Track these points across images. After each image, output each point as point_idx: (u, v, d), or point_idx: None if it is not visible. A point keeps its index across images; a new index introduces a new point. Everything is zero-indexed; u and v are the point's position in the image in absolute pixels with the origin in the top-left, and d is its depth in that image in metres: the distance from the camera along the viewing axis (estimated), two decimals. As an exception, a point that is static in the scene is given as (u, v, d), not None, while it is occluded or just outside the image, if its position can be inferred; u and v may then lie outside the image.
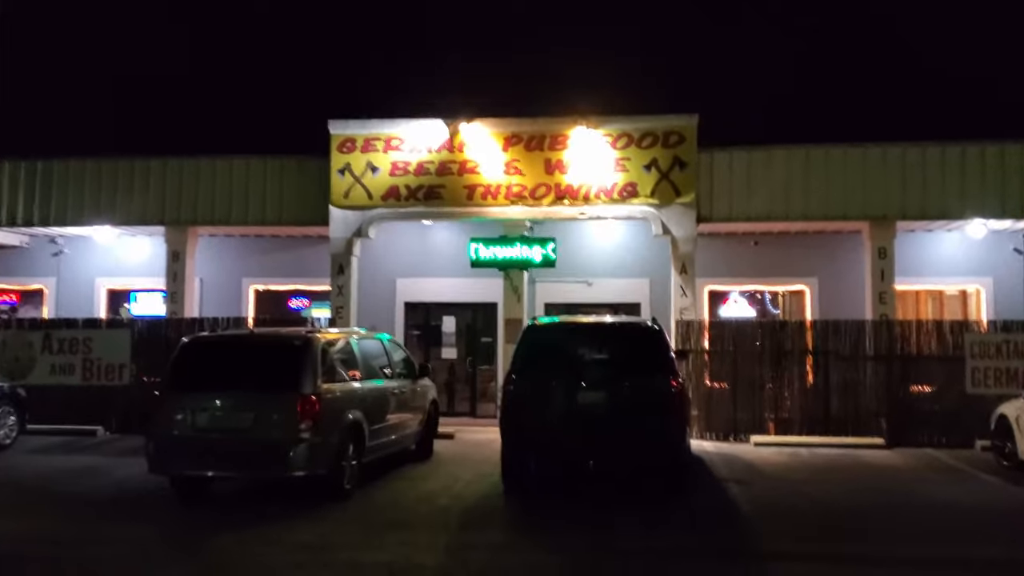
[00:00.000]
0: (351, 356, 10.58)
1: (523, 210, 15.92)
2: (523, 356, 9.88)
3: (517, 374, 9.80)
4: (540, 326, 10.32)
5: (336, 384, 9.94)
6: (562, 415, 9.59)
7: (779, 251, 17.52)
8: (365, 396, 10.54)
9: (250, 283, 18.81)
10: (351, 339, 10.75)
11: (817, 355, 14.70)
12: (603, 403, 9.52)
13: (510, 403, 9.80)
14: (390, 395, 11.30)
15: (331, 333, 10.47)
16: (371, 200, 16.17)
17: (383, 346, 11.74)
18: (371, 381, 10.90)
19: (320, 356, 9.66)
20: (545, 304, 18.03)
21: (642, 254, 17.65)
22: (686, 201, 15.62)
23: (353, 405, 10.11)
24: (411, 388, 12.21)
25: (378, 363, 11.51)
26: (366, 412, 10.33)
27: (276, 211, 16.80)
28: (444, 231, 18.17)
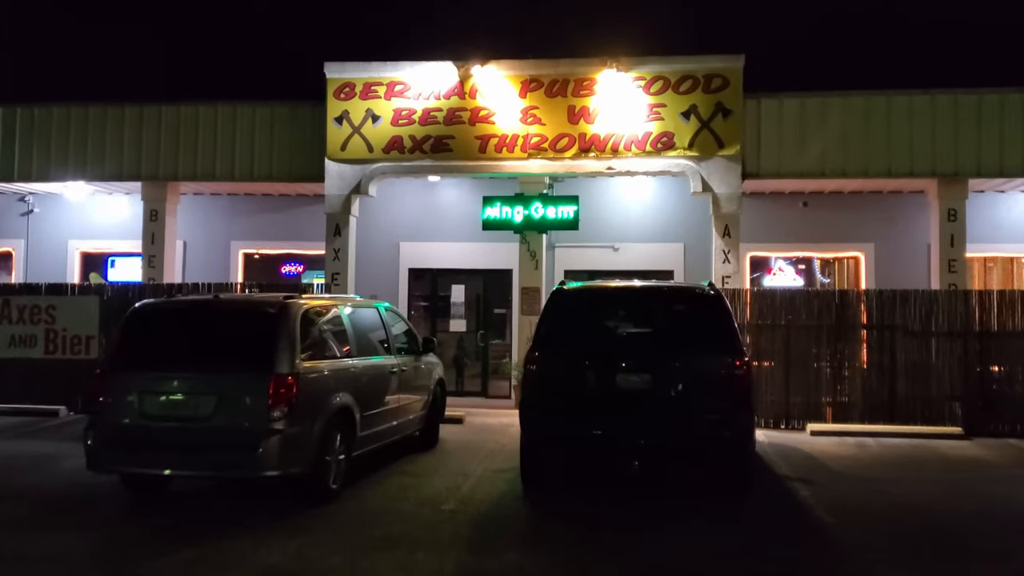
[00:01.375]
0: (340, 328, 8.77)
1: (543, 164, 14.02)
2: (549, 328, 8.05)
3: (542, 349, 7.96)
4: (570, 291, 8.44)
5: (320, 361, 8.14)
6: (598, 401, 7.78)
7: (831, 214, 15.59)
8: (357, 376, 8.74)
9: (239, 247, 17.01)
10: (340, 307, 8.92)
11: (882, 330, 12.81)
12: (650, 387, 7.69)
13: (533, 385, 7.98)
14: (388, 374, 9.50)
15: (315, 299, 8.65)
16: (371, 153, 14.30)
17: (380, 316, 9.91)
18: (365, 358, 9.08)
19: (299, 327, 7.85)
20: (565, 271, 16.14)
21: (676, 215, 15.76)
22: (730, 154, 13.70)
23: (341, 387, 8.33)
24: (413, 366, 10.41)
25: (374, 337, 9.71)
26: (358, 395, 8.54)
27: (265, 165, 14.94)
28: (453, 189, 16.30)
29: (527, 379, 8.04)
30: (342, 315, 8.80)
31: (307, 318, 8.09)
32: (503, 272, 16.30)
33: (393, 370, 9.61)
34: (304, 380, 7.69)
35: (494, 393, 16.12)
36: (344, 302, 9.18)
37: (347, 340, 8.75)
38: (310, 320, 8.20)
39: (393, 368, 9.63)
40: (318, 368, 8.03)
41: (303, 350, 7.84)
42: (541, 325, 8.10)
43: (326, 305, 8.77)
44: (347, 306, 9.14)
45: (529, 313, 14.61)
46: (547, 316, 8.15)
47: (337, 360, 8.46)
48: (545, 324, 8.10)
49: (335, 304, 8.89)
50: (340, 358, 8.54)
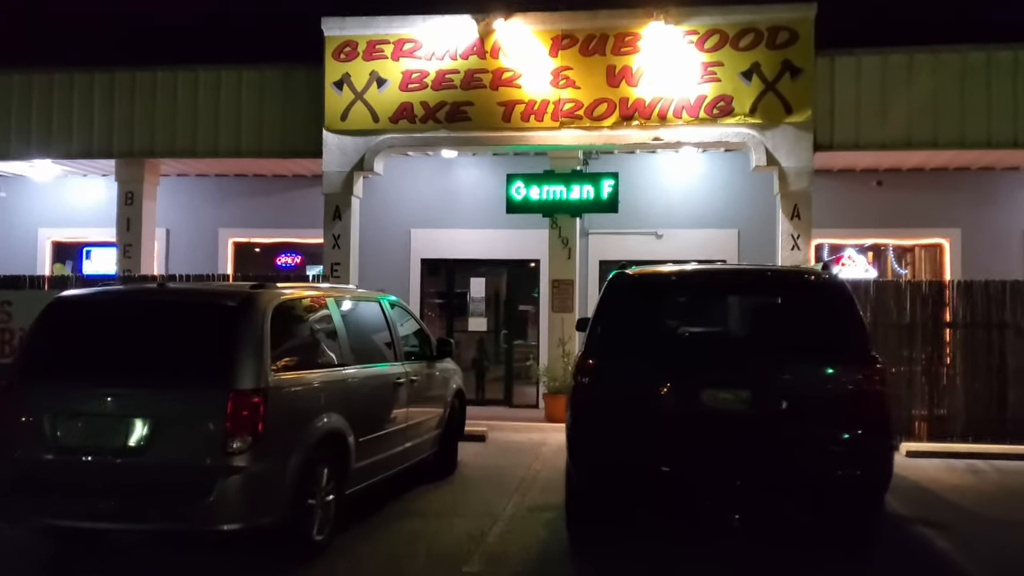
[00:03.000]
0: (330, 327, 6.69)
1: (577, 135, 11.93)
2: (609, 328, 5.95)
3: (599, 357, 5.87)
4: (636, 278, 6.28)
5: (301, 372, 6.09)
6: (677, 427, 5.67)
7: (909, 194, 13.44)
8: (352, 390, 6.68)
9: (229, 235, 15.02)
10: (330, 301, 6.83)
11: (989, 329, 10.63)
12: (749, 408, 5.59)
13: (587, 403, 5.89)
14: (393, 386, 7.44)
15: (294, 290, 6.58)
16: (376, 123, 12.25)
17: (384, 313, 7.83)
18: (364, 366, 7.01)
19: (271, 326, 5.79)
20: (600, 262, 14.11)
21: (729, 197, 13.66)
22: (799, 120, 11.56)
23: (330, 405, 6.28)
24: (426, 374, 8.36)
25: (376, 339, 7.65)
26: (352, 415, 6.49)
27: (254, 139, 12.91)
28: (472, 166, 14.25)
29: (579, 396, 5.93)
30: (332, 311, 6.72)
31: (282, 315, 6.03)
32: (529, 263, 14.30)
33: (400, 381, 7.55)
34: (277, 398, 5.65)
35: (519, 401, 14.08)
36: (336, 294, 7.08)
37: (339, 343, 6.67)
38: (287, 317, 6.15)
39: (400, 378, 7.56)
40: (297, 381, 5.98)
41: (276, 357, 5.79)
42: (597, 325, 6.00)
43: (310, 298, 6.69)
44: (339, 300, 7.05)
45: (561, 310, 12.56)
46: (605, 312, 6.04)
47: (324, 370, 6.40)
48: (603, 323, 5.99)
49: (323, 297, 6.80)
50: (329, 367, 6.47)
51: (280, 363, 5.83)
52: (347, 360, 6.68)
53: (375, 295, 7.92)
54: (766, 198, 13.13)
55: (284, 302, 6.12)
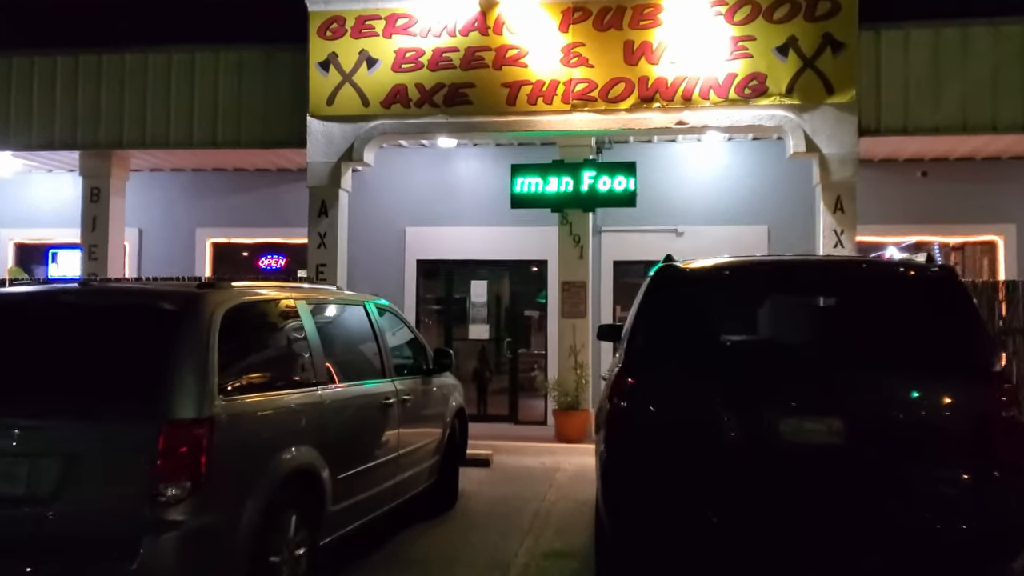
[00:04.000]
0: (300, 337, 5.37)
1: (591, 119, 10.65)
2: (652, 337, 4.62)
3: (641, 374, 4.53)
4: (686, 274, 4.90)
5: (261, 395, 4.78)
6: (746, 468, 4.34)
7: (958, 187, 12.15)
8: (328, 415, 5.36)
9: (207, 235, 13.72)
10: (301, 305, 5.50)
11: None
12: (845, 442, 4.26)
13: (626, 435, 4.55)
14: (381, 408, 6.13)
15: (252, 291, 5.25)
16: (366, 107, 10.98)
17: (370, 320, 6.51)
18: (344, 384, 5.71)
19: (219, 337, 4.48)
20: (614, 263, 12.83)
21: (758, 189, 12.39)
22: (842, 101, 10.29)
23: (299, 436, 4.98)
24: (422, 391, 7.05)
25: (360, 351, 6.36)
26: (329, 446, 5.20)
27: (232, 127, 11.63)
28: (473, 157, 12.99)
29: (615, 423, 4.61)
30: (304, 318, 5.40)
31: (237, 321, 4.71)
32: (536, 264, 13.03)
33: (389, 401, 6.24)
34: (227, 429, 4.35)
35: (526, 417, 12.78)
36: (310, 297, 5.76)
37: (312, 357, 5.35)
38: (243, 325, 4.84)
39: (389, 398, 6.25)
40: (255, 406, 4.68)
41: (228, 376, 4.49)
42: (637, 333, 4.67)
43: (275, 301, 5.37)
44: (314, 304, 5.74)
45: (572, 315, 11.27)
46: (648, 317, 4.70)
47: (292, 391, 5.08)
48: (645, 331, 4.66)
49: (292, 299, 5.47)
50: (298, 387, 5.15)
51: (233, 384, 4.54)
52: (322, 378, 5.37)
53: (359, 298, 6.60)
54: (799, 190, 11.88)
55: (239, 306, 4.81)
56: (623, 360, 4.64)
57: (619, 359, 4.94)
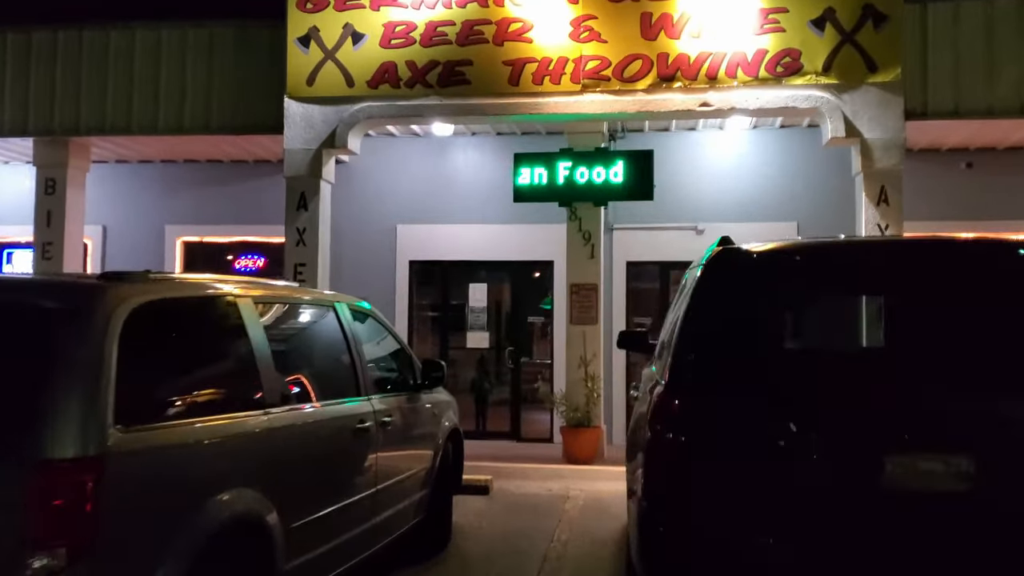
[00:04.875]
0: (244, 348, 4.12)
1: (603, 101, 9.46)
2: (707, 346, 3.39)
3: (694, 395, 3.31)
4: (751, 262, 3.59)
5: (181, 423, 3.57)
6: (840, 520, 3.15)
7: (1006, 180, 10.98)
8: (279, 447, 4.13)
9: (177, 233, 12.51)
10: (243, 305, 4.22)
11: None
12: (974, 487, 3.08)
13: (674, 473, 3.32)
14: (354, 435, 4.91)
15: (175, 286, 4.00)
16: (351, 88, 9.78)
17: (341, 325, 5.27)
18: (304, 406, 4.49)
19: (121, 346, 3.28)
20: (627, 263, 11.64)
21: (786, 181, 11.21)
22: (886, 80, 9.12)
23: (238, 475, 3.78)
24: (407, 412, 5.85)
25: (328, 363, 5.17)
26: (281, 487, 4.01)
27: (201, 111, 10.42)
28: (471, 147, 11.83)
29: (657, 461, 3.39)
30: (248, 322, 4.16)
31: (146, 325, 3.50)
32: (541, 265, 11.86)
33: (365, 425, 5.02)
34: (126, 471, 3.18)
35: (530, 434, 11.59)
36: (257, 295, 4.49)
37: (258, 372, 4.12)
38: (156, 330, 3.63)
39: (365, 421, 5.03)
40: (171, 439, 3.47)
41: (132, 399, 3.29)
42: (687, 340, 3.43)
43: (202, 299, 4.11)
44: (264, 303, 4.50)
45: (581, 321, 10.08)
46: (700, 318, 3.45)
47: (227, 416, 3.85)
48: (696, 337, 3.41)
49: (229, 296, 4.23)
50: (236, 410, 3.93)
51: (139, 408, 3.34)
52: (272, 398, 4.15)
53: (328, 298, 5.37)
54: (832, 183, 10.74)
55: (152, 304, 3.59)
56: (668, 376, 3.43)
57: (660, 374, 3.73)
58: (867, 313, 3.54)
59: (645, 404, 3.85)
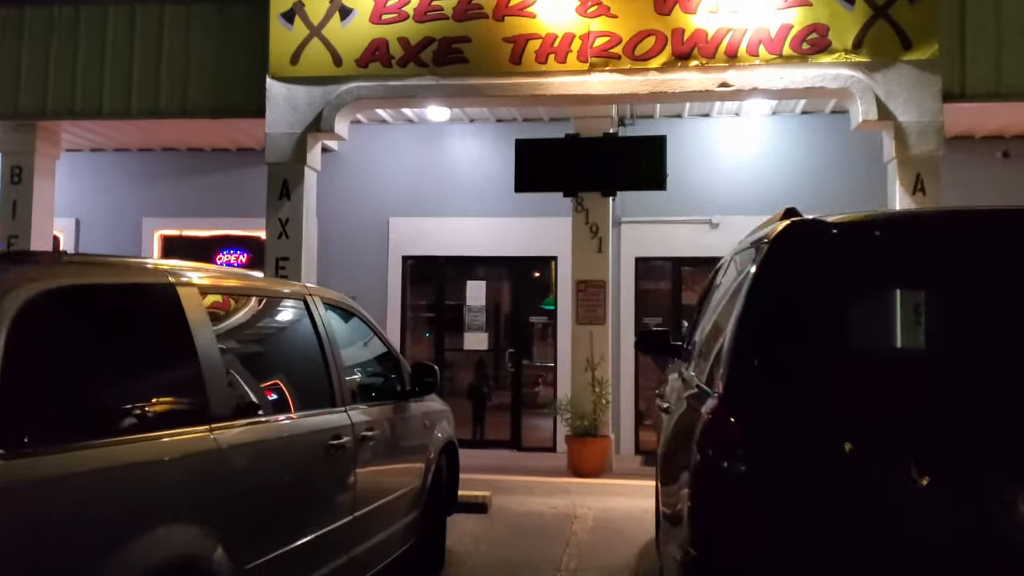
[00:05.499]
0: (179, 347, 3.29)
1: (613, 81, 8.68)
2: (772, 346, 2.60)
3: (757, 410, 2.53)
4: (832, 238, 2.75)
5: (91, 447, 2.75)
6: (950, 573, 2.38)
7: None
8: (225, 472, 3.32)
9: (155, 226, 11.73)
10: (185, 295, 3.33)
11: None
12: None
13: (730, 508, 2.52)
14: (326, 454, 4.11)
15: (93, 269, 3.19)
16: (339, 67, 9.01)
17: (314, 323, 4.45)
18: (261, 420, 3.70)
19: (4, 345, 2.49)
20: (636, 259, 10.87)
21: (808, 171, 10.46)
22: (923, 58, 8.35)
23: (171, 509, 2.98)
24: (393, 424, 5.06)
25: (295, 368, 4.36)
26: (229, 522, 3.21)
27: (178, 93, 9.64)
28: (469, 134, 11.08)
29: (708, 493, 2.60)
30: (191, 316, 3.35)
31: (47, 320, 2.71)
32: (544, 260, 11.10)
33: (340, 442, 4.22)
34: (13, 510, 2.38)
35: (531, 443, 10.82)
36: (204, 284, 3.65)
37: (203, 379, 3.31)
38: (62, 326, 2.83)
39: (341, 436, 4.24)
40: (80, 466, 2.67)
41: (26, 416, 2.51)
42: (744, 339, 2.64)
43: (127, 287, 3.25)
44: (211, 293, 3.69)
45: (588, 321, 9.30)
46: (761, 312, 2.66)
47: (160, 435, 3.05)
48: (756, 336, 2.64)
49: (166, 285, 3.38)
50: (173, 427, 3.13)
51: (31, 429, 2.55)
52: (221, 410, 3.35)
53: (297, 291, 4.55)
54: (859, 172, 9.98)
55: (55, 293, 2.79)
56: (724, 387, 2.64)
57: (707, 382, 2.95)
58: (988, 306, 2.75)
59: (686, 419, 3.07)
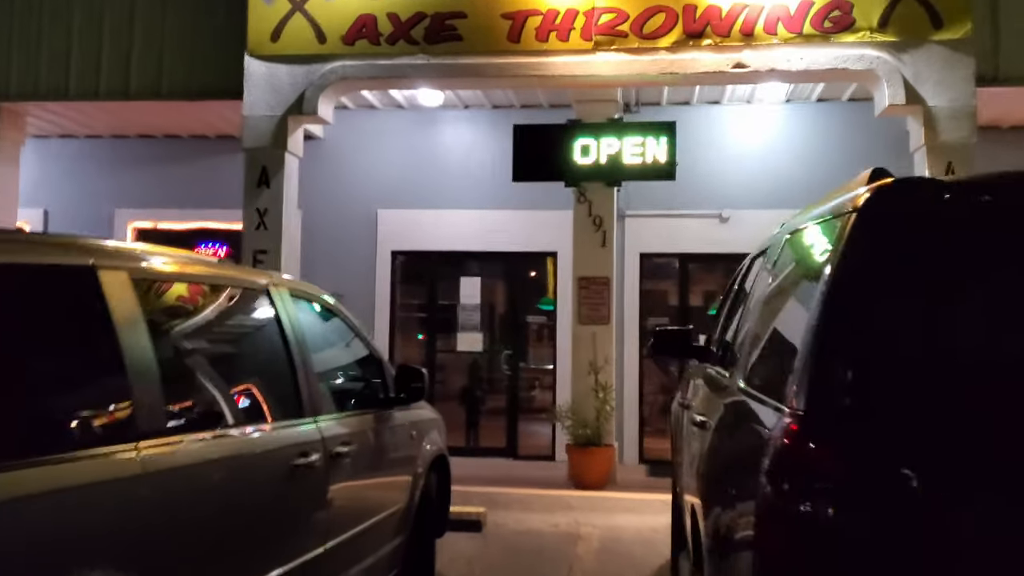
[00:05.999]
0: (96, 346, 2.60)
1: (620, 61, 8.02)
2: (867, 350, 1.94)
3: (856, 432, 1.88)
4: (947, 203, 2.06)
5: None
6: None
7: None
8: (155, 502, 2.64)
9: (129, 217, 11.03)
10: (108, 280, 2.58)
11: None
12: None
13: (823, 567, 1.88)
14: (289, 475, 3.42)
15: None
16: (323, 44, 8.32)
17: (278, 318, 3.76)
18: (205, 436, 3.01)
19: None
20: (641, 255, 10.21)
21: (824, 162, 9.78)
22: (954, 37, 7.71)
23: (80, 554, 2.29)
24: (373, 437, 4.38)
25: (252, 372, 3.66)
26: (163, 567, 2.53)
27: (151, 73, 8.95)
28: (464, 120, 10.44)
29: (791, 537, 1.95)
30: (114, 306, 2.65)
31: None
32: (542, 256, 10.45)
33: (310, 459, 3.53)
34: None
35: (528, 450, 10.16)
36: (132, 264, 2.93)
37: (128, 386, 2.62)
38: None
39: (309, 454, 3.54)
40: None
41: None
42: (829, 339, 1.98)
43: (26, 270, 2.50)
44: (141, 277, 2.94)
45: (591, 320, 8.65)
46: (860, 303, 2.01)
47: (62, 457, 2.37)
48: (852, 337, 1.98)
49: (83, 269, 2.64)
50: (83, 446, 2.45)
51: None
52: (151, 424, 2.65)
53: (261, 279, 3.85)
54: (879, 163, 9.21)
55: None
56: (806, 401, 1.96)
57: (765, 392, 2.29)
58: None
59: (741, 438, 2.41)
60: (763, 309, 2.82)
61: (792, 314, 2.28)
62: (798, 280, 2.52)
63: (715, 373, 3.56)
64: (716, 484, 2.70)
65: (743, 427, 2.43)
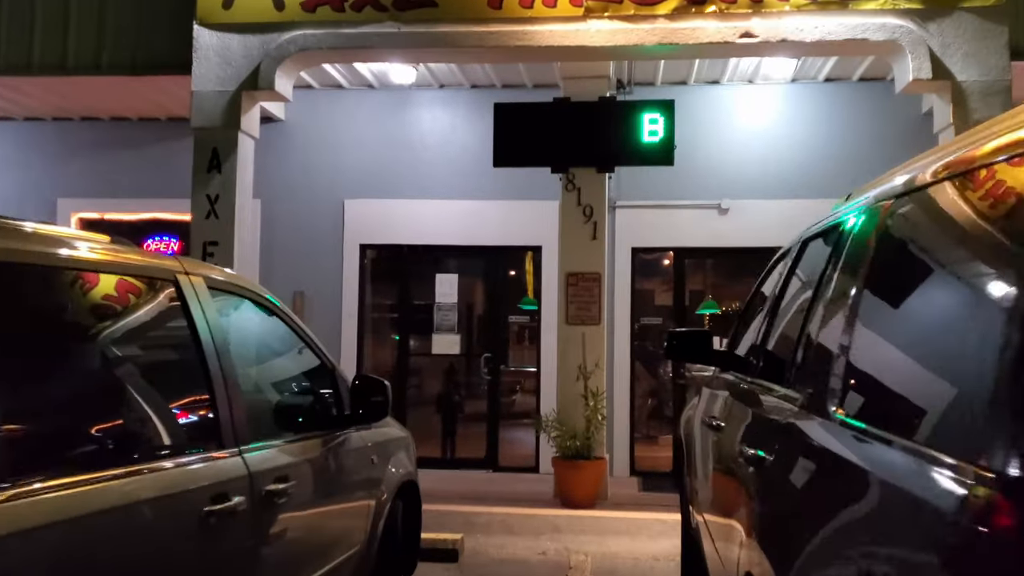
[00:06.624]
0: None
1: (613, 30, 7.17)
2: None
3: None
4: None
5: None
6: None
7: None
8: (8, 571, 1.80)
9: (72, 207, 10.06)
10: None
11: None
12: None
13: None
14: (201, 525, 2.56)
15: None
16: (281, 11, 7.42)
17: (190, 319, 2.84)
18: (71, 481, 2.14)
19: None
20: (633, 250, 9.37)
21: (836, 146, 9.02)
22: (985, 5, 6.94)
23: None
24: (323, 465, 3.52)
25: (154, 392, 2.77)
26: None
27: (91, 45, 8.00)
28: (440, 101, 9.57)
29: None
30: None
31: None
32: (525, 251, 9.59)
33: (230, 503, 2.66)
34: None
35: (509, 461, 9.32)
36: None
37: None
38: None
39: (228, 498, 2.67)
40: None
41: None
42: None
43: None
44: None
45: (580, 320, 7.82)
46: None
47: None
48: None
49: None
50: None
51: None
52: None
53: (167, 265, 2.94)
54: (894, 148, 8.45)
55: None
56: (1012, 439, 1.14)
57: (916, 439, 1.46)
58: None
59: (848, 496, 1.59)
60: (869, 316, 1.97)
61: (958, 328, 1.44)
62: (968, 281, 1.63)
63: (760, 389, 2.72)
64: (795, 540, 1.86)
65: (854, 476, 1.60)
